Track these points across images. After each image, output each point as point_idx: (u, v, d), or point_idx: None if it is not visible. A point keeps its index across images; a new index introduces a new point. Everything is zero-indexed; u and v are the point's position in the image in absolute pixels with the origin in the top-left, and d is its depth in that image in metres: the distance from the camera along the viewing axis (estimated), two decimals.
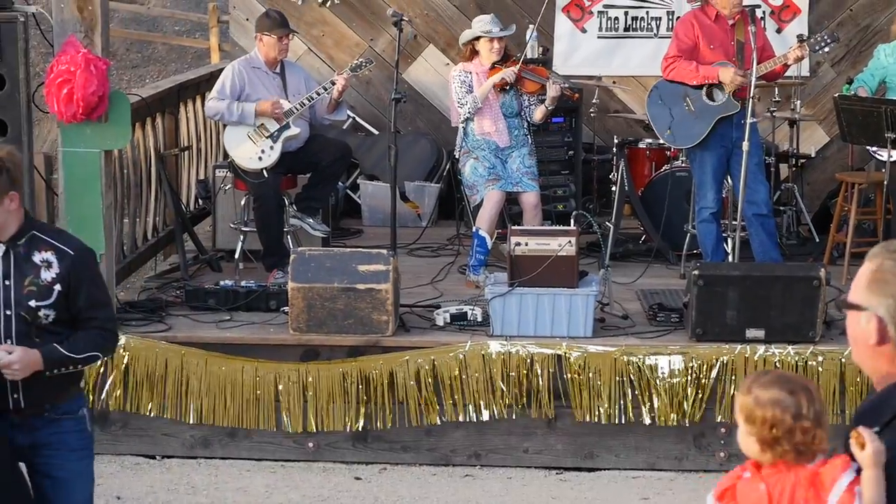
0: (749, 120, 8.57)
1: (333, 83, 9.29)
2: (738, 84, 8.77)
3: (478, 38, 9.35)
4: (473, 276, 9.14)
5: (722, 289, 7.84)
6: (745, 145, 8.51)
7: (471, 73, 9.36)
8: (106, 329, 5.35)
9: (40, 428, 5.29)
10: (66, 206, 7.99)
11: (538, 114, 9.40)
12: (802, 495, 3.55)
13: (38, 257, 5.19)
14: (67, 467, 5.33)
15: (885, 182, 9.32)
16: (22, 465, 5.38)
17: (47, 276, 5.18)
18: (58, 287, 5.18)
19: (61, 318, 5.22)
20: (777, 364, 7.76)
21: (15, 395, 5.19)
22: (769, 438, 3.58)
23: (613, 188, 10.19)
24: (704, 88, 8.94)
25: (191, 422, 7.98)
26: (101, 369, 7.91)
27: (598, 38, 11.56)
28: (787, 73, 9.53)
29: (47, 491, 5.37)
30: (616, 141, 10.60)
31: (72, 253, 5.25)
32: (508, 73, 9.23)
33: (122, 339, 7.91)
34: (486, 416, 7.87)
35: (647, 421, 7.82)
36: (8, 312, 5.16)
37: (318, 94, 9.30)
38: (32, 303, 5.16)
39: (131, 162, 9.50)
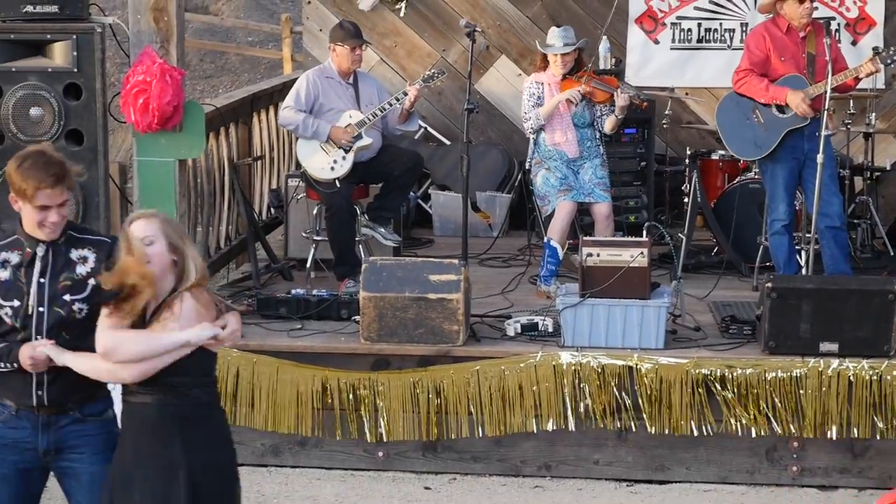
0: (823, 132, 8.51)
1: (405, 94, 9.33)
2: (802, 112, 8.72)
3: None
4: (544, 286, 9.13)
5: (795, 301, 7.78)
6: (820, 158, 8.45)
7: (542, 84, 9.36)
8: None
9: (65, 427, 5.34)
10: None
11: (608, 124, 9.39)
12: None
13: (74, 254, 5.31)
14: (94, 470, 5.36)
15: None
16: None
17: (82, 270, 5.29)
18: (92, 281, 5.28)
19: (93, 313, 5.29)
20: (851, 378, 7.69)
21: (39, 392, 5.28)
22: None
23: (686, 199, 10.15)
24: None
25: (261, 430, 8.01)
26: None
27: (671, 49, 11.53)
28: (862, 86, 9.45)
29: (77, 494, 5.42)
30: (689, 152, 10.56)
31: (108, 240, 5.40)
32: (574, 93, 9.22)
33: None
34: (556, 426, 7.85)
35: (719, 434, 7.77)
36: (41, 309, 5.25)
37: (391, 105, 9.33)
38: (67, 297, 5.26)
39: (205, 171, 9.57)
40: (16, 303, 5.24)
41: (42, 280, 5.26)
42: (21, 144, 7.89)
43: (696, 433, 7.79)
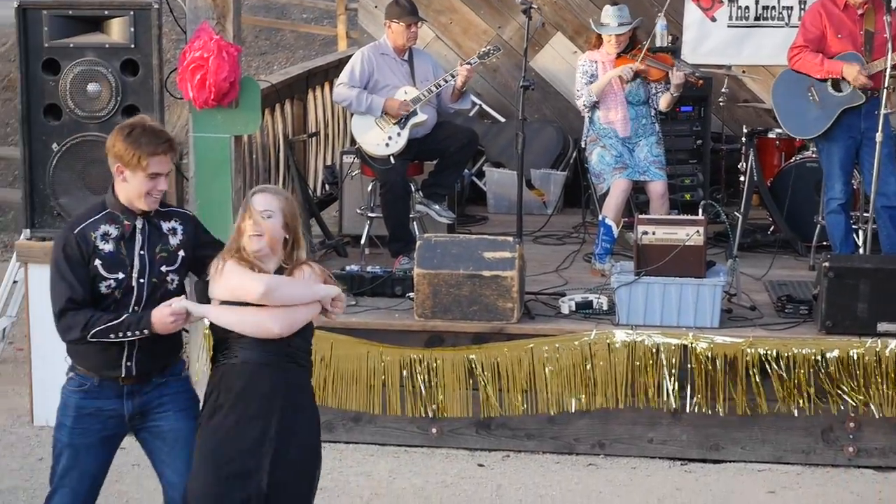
0: (882, 111, 8.45)
1: (458, 72, 9.31)
2: (861, 84, 8.65)
3: None
4: (599, 264, 9.11)
5: (853, 281, 7.73)
6: (879, 136, 8.39)
7: (596, 62, 9.32)
8: None
9: (149, 392, 5.48)
10: (196, 190, 8.10)
11: (663, 102, 9.35)
12: None
13: (165, 226, 5.48)
14: (179, 426, 5.51)
15: None
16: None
17: (174, 241, 5.47)
18: (181, 253, 5.48)
19: (181, 284, 5.50)
20: None
21: (128, 364, 5.40)
22: None
23: (742, 178, 10.09)
24: (830, 79, 8.82)
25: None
26: None
27: (729, 26, 11.42)
28: None
29: (160, 452, 5.55)
30: (745, 130, 10.50)
31: (190, 214, 5.62)
32: (626, 70, 9.17)
33: None
34: (610, 405, 7.84)
35: (774, 413, 7.73)
36: (141, 281, 5.40)
37: (446, 81, 9.31)
38: (164, 268, 5.43)
39: (260, 147, 9.60)
40: (120, 275, 5.37)
41: (142, 252, 5.40)
42: (78, 120, 7.96)
43: (750, 413, 7.75)
